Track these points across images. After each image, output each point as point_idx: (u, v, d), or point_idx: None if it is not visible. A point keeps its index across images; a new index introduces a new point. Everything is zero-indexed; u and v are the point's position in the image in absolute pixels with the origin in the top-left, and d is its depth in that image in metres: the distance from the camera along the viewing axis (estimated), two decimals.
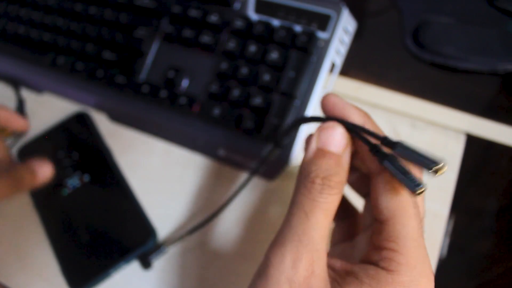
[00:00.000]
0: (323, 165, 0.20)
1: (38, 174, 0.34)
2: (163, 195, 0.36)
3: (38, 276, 0.34)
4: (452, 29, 0.39)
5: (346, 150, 0.21)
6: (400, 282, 0.18)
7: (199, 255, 0.33)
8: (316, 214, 0.19)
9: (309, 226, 0.19)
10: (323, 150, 0.20)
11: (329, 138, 0.20)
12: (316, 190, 0.19)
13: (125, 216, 0.35)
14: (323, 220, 0.19)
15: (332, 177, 0.20)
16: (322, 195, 0.19)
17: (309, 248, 0.18)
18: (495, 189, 0.34)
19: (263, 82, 0.32)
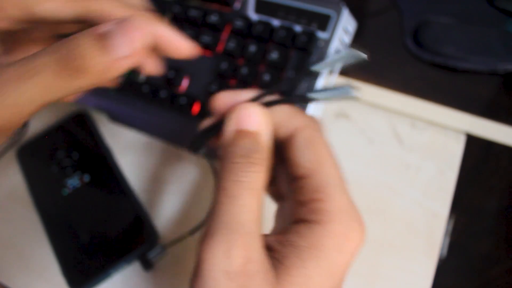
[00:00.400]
0: (242, 144, 0.19)
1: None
2: (163, 195, 0.36)
3: (38, 276, 0.34)
4: (452, 29, 0.39)
5: (265, 127, 0.19)
6: (334, 230, 0.17)
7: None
8: (242, 196, 0.18)
9: (237, 211, 0.17)
10: (239, 130, 0.19)
11: (243, 117, 0.19)
12: (238, 169, 0.18)
13: (125, 216, 0.35)
14: (250, 201, 0.18)
15: (253, 154, 0.18)
16: (245, 173, 0.18)
17: (240, 233, 0.17)
18: (495, 189, 0.34)
19: (263, 82, 0.32)
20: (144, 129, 0.38)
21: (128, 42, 0.17)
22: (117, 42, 0.17)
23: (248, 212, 0.17)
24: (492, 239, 0.33)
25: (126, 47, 0.17)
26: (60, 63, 0.17)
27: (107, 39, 0.17)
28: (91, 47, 0.17)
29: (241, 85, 0.33)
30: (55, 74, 0.17)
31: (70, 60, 0.17)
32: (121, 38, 0.17)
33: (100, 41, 0.17)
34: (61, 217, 0.36)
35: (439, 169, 0.34)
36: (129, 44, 0.17)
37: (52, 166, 0.38)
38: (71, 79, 0.17)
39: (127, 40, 0.17)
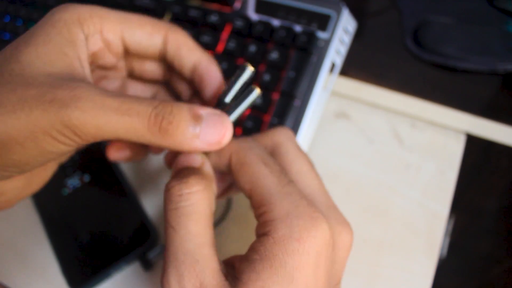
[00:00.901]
0: (177, 175, 0.20)
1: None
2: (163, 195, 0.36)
3: (38, 276, 0.34)
4: (452, 29, 0.39)
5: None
6: (281, 237, 0.17)
7: None
8: (183, 224, 0.18)
9: (180, 240, 0.18)
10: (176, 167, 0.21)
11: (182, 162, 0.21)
12: (174, 194, 0.19)
13: (125, 216, 0.35)
14: (194, 227, 0.18)
15: (187, 177, 0.19)
16: (180, 197, 0.18)
17: (187, 263, 0.18)
18: (495, 189, 0.34)
19: (263, 82, 0.32)
20: None
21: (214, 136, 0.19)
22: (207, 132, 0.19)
23: (193, 238, 0.18)
24: (492, 239, 0.33)
25: (211, 139, 0.19)
26: (154, 120, 0.18)
27: (201, 123, 0.19)
28: (186, 121, 0.18)
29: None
30: (145, 125, 0.18)
31: (163, 120, 0.18)
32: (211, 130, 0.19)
33: (195, 121, 0.19)
34: (61, 217, 0.36)
35: (439, 169, 0.34)
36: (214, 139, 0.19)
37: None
38: (155, 136, 0.18)
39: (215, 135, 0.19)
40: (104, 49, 0.23)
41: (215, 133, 0.19)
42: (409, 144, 0.35)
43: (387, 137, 0.36)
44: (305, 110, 0.31)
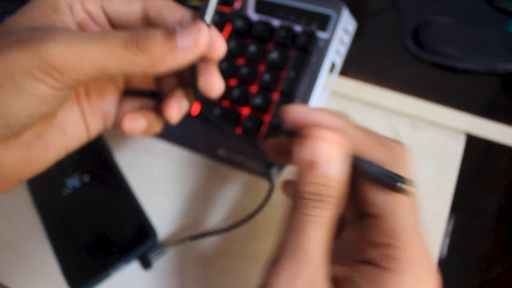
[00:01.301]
0: (314, 180, 0.18)
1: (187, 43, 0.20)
2: (163, 195, 0.36)
3: (38, 276, 0.34)
4: (452, 29, 0.39)
5: (340, 163, 0.18)
6: (401, 281, 0.17)
7: (199, 255, 0.33)
8: (310, 228, 0.18)
9: (303, 241, 0.18)
10: (312, 161, 0.18)
11: (320, 148, 0.18)
12: (308, 205, 0.18)
13: (125, 216, 0.35)
14: (317, 233, 0.18)
15: (324, 192, 0.18)
16: (314, 209, 0.18)
17: (305, 263, 0.17)
18: (495, 189, 0.34)
19: (263, 82, 0.32)
20: None
21: (191, 38, 0.20)
22: (180, 36, 0.20)
23: (314, 243, 0.18)
24: (492, 239, 0.33)
25: (188, 40, 0.20)
26: (130, 39, 0.19)
27: (172, 34, 0.20)
28: (159, 36, 0.20)
29: (241, 85, 0.33)
30: (122, 45, 0.19)
31: (139, 39, 0.19)
32: (185, 33, 0.20)
33: (167, 34, 0.20)
34: (61, 217, 0.36)
35: (439, 169, 0.34)
36: (191, 40, 0.20)
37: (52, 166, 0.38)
38: (134, 55, 0.19)
39: (189, 36, 0.20)
40: (88, 20, 0.23)
41: (191, 36, 0.20)
42: (409, 144, 0.35)
43: None
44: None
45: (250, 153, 0.33)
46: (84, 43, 0.19)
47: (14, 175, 0.22)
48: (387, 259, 0.17)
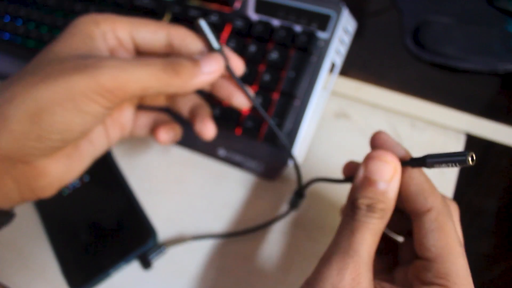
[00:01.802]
0: (369, 194, 0.21)
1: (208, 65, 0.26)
2: (163, 195, 0.36)
3: (38, 276, 0.34)
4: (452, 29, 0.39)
5: (394, 179, 0.21)
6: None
7: (199, 255, 0.33)
8: (362, 231, 0.20)
9: (355, 241, 0.20)
10: (369, 179, 0.21)
11: (376, 168, 0.21)
12: (360, 213, 0.21)
13: (125, 216, 0.35)
14: (368, 237, 0.20)
15: (377, 204, 0.21)
16: (367, 217, 0.20)
17: (355, 259, 0.19)
18: (495, 189, 0.34)
19: (263, 82, 0.32)
20: None
21: (211, 65, 0.25)
22: (203, 64, 0.25)
23: (364, 244, 0.20)
24: (492, 239, 0.33)
25: (209, 67, 0.25)
26: (166, 65, 0.24)
27: (197, 62, 0.25)
28: (189, 63, 0.25)
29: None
30: (161, 69, 0.23)
31: (174, 65, 0.24)
32: (206, 62, 0.25)
33: (193, 61, 0.25)
34: (61, 217, 0.36)
35: (439, 169, 0.34)
36: (211, 66, 0.25)
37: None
38: (170, 77, 0.24)
39: (211, 64, 0.25)
40: (118, 46, 0.26)
41: (211, 65, 0.25)
42: (409, 144, 0.35)
43: None
44: (305, 110, 0.31)
45: (250, 153, 0.33)
46: (131, 68, 0.23)
47: (57, 182, 0.25)
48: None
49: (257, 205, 0.34)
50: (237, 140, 0.33)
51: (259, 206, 0.34)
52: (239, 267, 0.32)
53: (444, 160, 0.20)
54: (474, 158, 0.19)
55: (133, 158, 0.38)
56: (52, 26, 0.41)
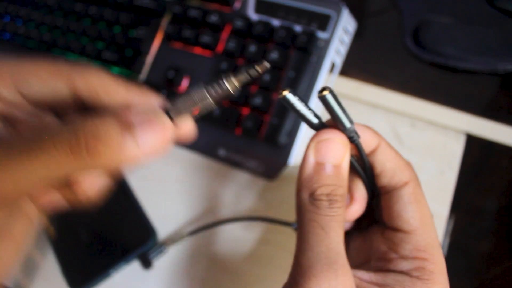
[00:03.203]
0: (326, 181, 0.19)
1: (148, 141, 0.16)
2: (163, 195, 0.36)
3: (38, 276, 0.34)
4: (452, 29, 0.39)
5: (346, 157, 0.20)
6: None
7: (199, 255, 0.33)
8: (333, 226, 0.19)
9: (331, 241, 0.18)
10: (322, 164, 0.19)
11: (327, 150, 0.19)
12: (324, 206, 0.19)
13: (125, 216, 0.35)
14: (340, 231, 0.19)
15: (336, 191, 0.19)
16: (331, 210, 0.19)
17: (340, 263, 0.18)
18: (495, 189, 0.34)
19: (263, 82, 0.32)
20: None
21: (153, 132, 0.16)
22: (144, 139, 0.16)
23: (340, 242, 0.19)
24: (492, 239, 0.33)
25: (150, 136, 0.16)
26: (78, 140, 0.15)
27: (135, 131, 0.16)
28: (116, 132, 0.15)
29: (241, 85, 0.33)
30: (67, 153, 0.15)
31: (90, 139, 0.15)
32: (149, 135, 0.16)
33: (126, 130, 0.15)
34: (61, 217, 0.36)
35: (439, 169, 0.34)
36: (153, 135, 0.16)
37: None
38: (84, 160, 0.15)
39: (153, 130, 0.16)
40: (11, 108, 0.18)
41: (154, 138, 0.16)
42: (409, 144, 0.35)
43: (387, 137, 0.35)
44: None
45: (250, 153, 0.33)
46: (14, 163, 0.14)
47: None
48: (421, 271, 0.20)
49: (257, 205, 0.34)
50: (237, 140, 0.33)
51: (259, 206, 0.34)
52: (240, 267, 0.32)
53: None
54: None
55: None
56: (52, 26, 0.41)
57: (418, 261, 0.20)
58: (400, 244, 0.20)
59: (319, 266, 0.18)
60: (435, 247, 0.20)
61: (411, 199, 0.20)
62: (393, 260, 0.20)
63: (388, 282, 0.20)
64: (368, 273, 0.21)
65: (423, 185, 0.33)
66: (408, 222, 0.20)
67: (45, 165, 0.15)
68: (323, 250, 0.18)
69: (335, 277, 0.18)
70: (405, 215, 0.20)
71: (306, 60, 0.32)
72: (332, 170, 0.19)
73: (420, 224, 0.20)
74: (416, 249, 0.20)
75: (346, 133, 0.19)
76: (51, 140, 0.15)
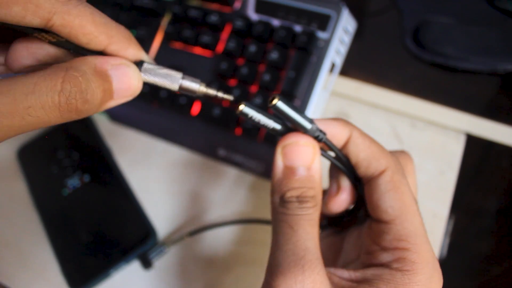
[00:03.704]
0: (295, 184, 0.19)
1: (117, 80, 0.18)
2: (163, 195, 0.36)
3: (38, 276, 0.34)
4: (452, 29, 0.39)
5: (316, 160, 0.20)
6: (417, 281, 0.18)
7: (199, 255, 0.33)
8: (302, 225, 0.19)
9: (299, 239, 0.18)
10: (291, 167, 0.20)
11: (295, 154, 0.20)
12: (294, 206, 0.19)
13: (125, 216, 0.35)
14: (310, 230, 0.19)
15: (307, 193, 0.19)
16: (301, 209, 0.19)
17: (307, 259, 0.18)
18: (495, 189, 0.34)
19: (263, 82, 0.32)
20: (144, 129, 0.38)
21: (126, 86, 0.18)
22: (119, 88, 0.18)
23: (310, 239, 0.18)
24: (492, 239, 0.33)
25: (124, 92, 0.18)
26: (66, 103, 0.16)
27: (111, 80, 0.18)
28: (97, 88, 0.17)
29: (241, 85, 0.33)
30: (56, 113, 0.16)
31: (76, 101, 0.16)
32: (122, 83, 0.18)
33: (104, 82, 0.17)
34: (61, 217, 0.36)
35: (439, 169, 0.34)
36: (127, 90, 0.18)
37: (52, 166, 0.38)
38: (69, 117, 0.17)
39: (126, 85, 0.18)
40: None
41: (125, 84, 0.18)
42: (409, 144, 0.35)
43: (387, 137, 0.36)
44: (305, 110, 0.31)
45: (250, 153, 0.33)
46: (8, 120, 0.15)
47: None
48: (401, 261, 0.18)
49: (257, 205, 0.34)
50: (237, 140, 0.33)
51: (259, 206, 0.34)
52: (240, 267, 0.32)
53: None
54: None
55: (133, 158, 0.38)
56: None
57: (399, 251, 0.19)
58: (381, 236, 0.20)
59: (285, 263, 0.18)
60: (419, 235, 0.19)
61: (389, 187, 0.19)
62: (375, 252, 0.20)
63: (367, 277, 0.19)
64: (348, 271, 0.20)
65: (423, 185, 0.33)
66: (386, 211, 0.19)
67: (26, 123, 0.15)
68: (291, 247, 0.18)
69: (302, 272, 0.17)
70: (383, 204, 0.19)
71: (306, 60, 0.32)
72: (301, 173, 0.19)
73: (399, 213, 0.19)
74: (397, 239, 0.19)
75: (309, 135, 0.19)
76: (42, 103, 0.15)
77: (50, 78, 0.16)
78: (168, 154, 0.38)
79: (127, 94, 0.18)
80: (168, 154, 0.38)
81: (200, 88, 0.20)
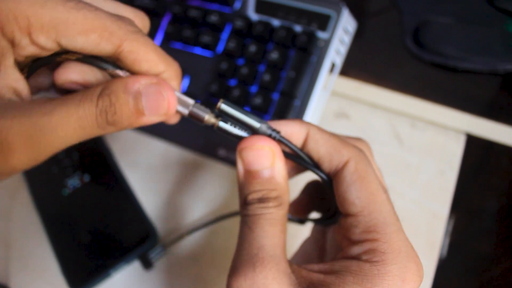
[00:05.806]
0: (256, 187, 0.19)
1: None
2: (163, 195, 0.36)
3: (38, 276, 0.34)
4: (452, 29, 0.39)
5: (277, 161, 0.20)
6: (387, 272, 0.17)
7: (199, 255, 0.33)
8: (259, 224, 0.19)
9: (255, 237, 0.18)
10: (250, 171, 0.20)
11: (252, 158, 0.20)
12: (254, 207, 0.19)
13: (125, 216, 0.35)
14: (269, 228, 0.19)
15: (269, 195, 0.19)
16: (261, 209, 0.19)
17: (260, 256, 0.18)
18: (495, 189, 0.34)
19: (263, 82, 0.32)
20: (144, 129, 0.38)
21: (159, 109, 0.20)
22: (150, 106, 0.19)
23: (267, 237, 0.18)
24: (492, 239, 0.33)
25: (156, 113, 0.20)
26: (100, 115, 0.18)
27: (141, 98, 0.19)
28: (128, 105, 0.19)
29: (241, 85, 0.33)
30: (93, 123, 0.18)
31: (108, 114, 0.19)
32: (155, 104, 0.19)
33: (135, 99, 0.19)
34: (61, 217, 0.36)
35: (439, 169, 0.34)
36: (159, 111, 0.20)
37: (52, 166, 0.38)
38: (106, 128, 0.19)
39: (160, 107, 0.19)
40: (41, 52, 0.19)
41: (159, 108, 0.19)
42: (409, 144, 0.35)
43: (387, 137, 0.36)
44: (305, 110, 0.31)
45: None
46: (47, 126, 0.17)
47: None
48: (371, 253, 0.18)
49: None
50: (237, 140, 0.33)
51: None
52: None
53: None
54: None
55: (133, 158, 0.38)
56: None
57: (368, 243, 0.18)
58: (350, 229, 0.19)
59: (239, 262, 0.18)
60: (389, 224, 0.18)
61: (354, 178, 0.19)
62: (346, 247, 0.19)
63: (335, 269, 0.18)
64: (318, 264, 0.19)
65: (423, 185, 0.33)
66: (353, 203, 0.19)
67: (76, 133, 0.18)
68: (246, 247, 0.18)
69: (252, 270, 0.17)
70: (349, 196, 0.19)
71: (306, 60, 0.32)
72: (262, 175, 0.19)
73: (366, 203, 0.18)
74: (365, 231, 0.18)
75: (262, 134, 0.19)
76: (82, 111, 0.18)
77: (91, 95, 0.18)
78: (168, 154, 0.38)
79: (159, 112, 0.20)
80: (168, 154, 0.38)
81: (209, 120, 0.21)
